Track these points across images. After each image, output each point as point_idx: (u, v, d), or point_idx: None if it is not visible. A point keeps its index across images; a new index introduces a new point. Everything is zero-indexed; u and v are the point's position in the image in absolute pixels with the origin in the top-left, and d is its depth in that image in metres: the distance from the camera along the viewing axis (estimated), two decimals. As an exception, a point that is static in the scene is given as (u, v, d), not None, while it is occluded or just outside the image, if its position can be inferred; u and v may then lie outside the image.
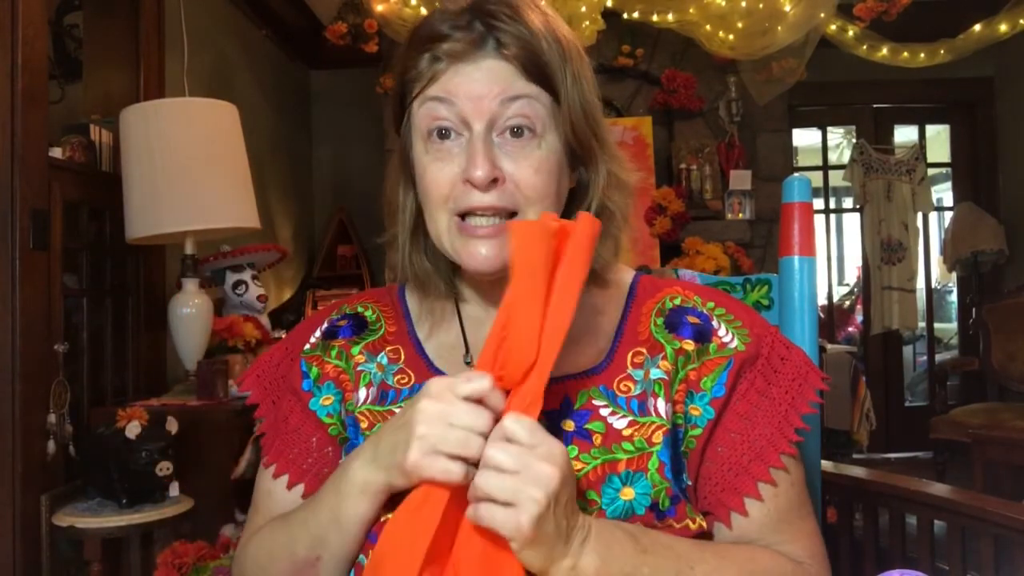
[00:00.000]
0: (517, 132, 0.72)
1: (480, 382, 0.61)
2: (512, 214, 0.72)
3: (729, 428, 0.74)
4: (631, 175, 0.81)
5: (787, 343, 0.79)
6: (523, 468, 0.58)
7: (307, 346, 0.85)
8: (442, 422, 0.61)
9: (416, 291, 0.84)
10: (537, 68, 0.72)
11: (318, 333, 0.85)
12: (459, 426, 0.60)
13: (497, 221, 0.72)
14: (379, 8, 3.34)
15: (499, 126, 0.72)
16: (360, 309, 0.86)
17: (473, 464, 0.60)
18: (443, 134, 0.73)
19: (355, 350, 0.82)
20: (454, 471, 0.60)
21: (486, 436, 0.61)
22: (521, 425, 0.59)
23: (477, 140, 0.71)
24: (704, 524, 0.72)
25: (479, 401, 0.61)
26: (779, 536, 0.74)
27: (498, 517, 0.58)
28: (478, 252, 0.72)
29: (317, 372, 0.82)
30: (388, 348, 0.82)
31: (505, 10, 0.72)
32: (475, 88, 0.71)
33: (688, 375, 0.75)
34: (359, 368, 0.80)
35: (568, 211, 0.78)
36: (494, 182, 0.71)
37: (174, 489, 1.89)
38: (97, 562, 1.81)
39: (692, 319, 0.78)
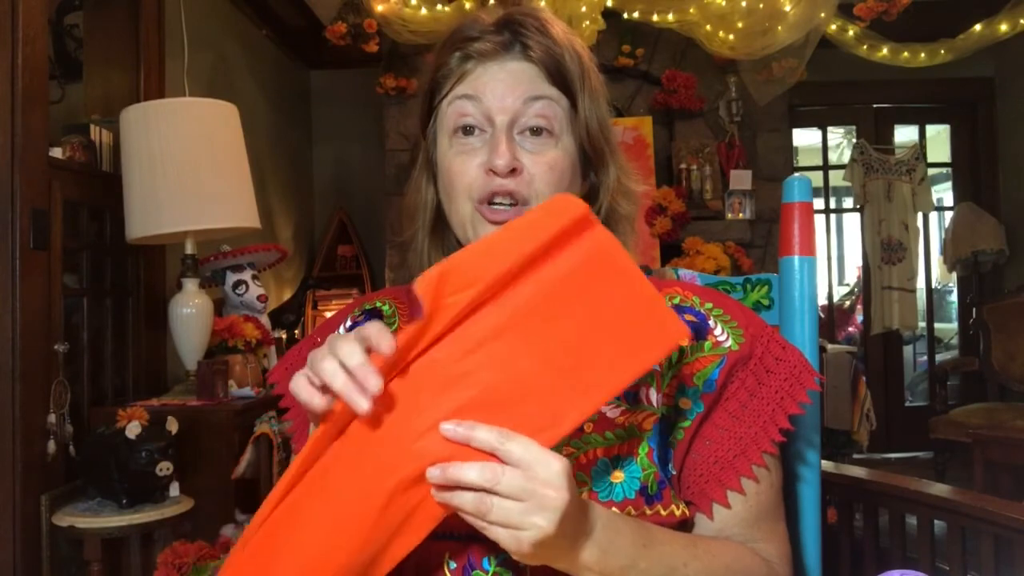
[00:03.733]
0: (536, 131, 0.77)
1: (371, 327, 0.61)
2: (525, 203, 0.77)
3: (717, 424, 0.76)
4: (638, 185, 0.86)
5: (783, 343, 0.80)
6: (527, 495, 0.57)
7: None
8: (325, 350, 0.62)
9: None
10: (559, 74, 0.78)
11: (342, 330, 0.88)
12: (331, 354, 0.60)
13: (513, 208, 0.77)
14: (379, 8, 3.34)
15: (520, 124, 0.77)
16: (379, 304, 0.90)
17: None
18: (468, 131, 0.78)
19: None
20: (302, 388, 0.60)
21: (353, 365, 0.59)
22: (517, 444, 0.58)
23: (500, 133, 0.76)
24: (687, 512, 0.75)
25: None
26: (756, 533, 0.77)
27: (502, 536, 0.59)
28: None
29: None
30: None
31: (533, 22, 0.79)
32: (500, 87, 0.77)
33: (681, 369, 0.76)
34: None
35: None
36: (513, 171, 0.76)
37: (174, 489, 1.89)
38: (97, 562, 1.81)
39: (689, 317, 0.79)
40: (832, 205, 5.21)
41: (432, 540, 0.70)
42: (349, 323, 0.89)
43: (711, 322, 0.79)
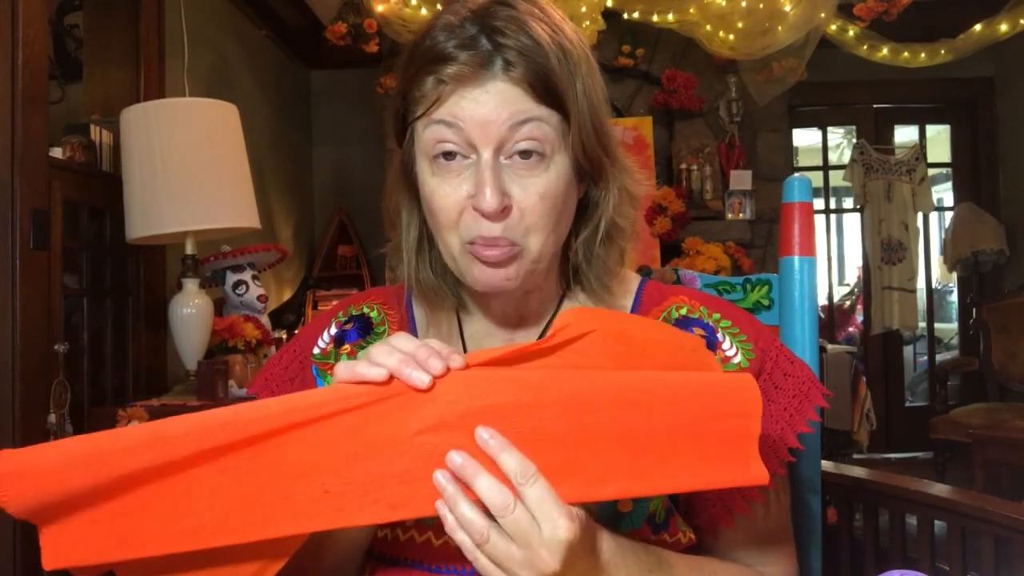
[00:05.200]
0: (526, 154, 0.69)
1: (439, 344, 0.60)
2: (516, 245, 0.70)
3: None
4: (640, 187, 0.79)
5: (791, 358, 0.78)
6: (523, 543, 0.56)
7: (317, 351, 0.83)
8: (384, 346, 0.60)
9: (422, 302, 0.83)
10: (546, 89, 0.68)
11: (327, 337, 0.84)
12: (388, 342, 0.60)
13: (504, 248, 0.70)
14: (379, 8, 3.34)
15: (507, 150, 0.69)
16: (366, 310, 0.85)
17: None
18: (449, 156, 0.70)
19: (361, 355, 0.81)
20: (360, 367, 0.59)
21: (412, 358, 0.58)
22: (537, 490, 0.56)
23: (485, 168, 0.68)
24: (693, 537, 0.73)
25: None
26: (763, 556, 0.76)
27: (486, 569, 0.58)
28: (484, 276, 0.71)
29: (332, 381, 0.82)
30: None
31: (511, 25, 0.68)
32: (482, 112, 0.67)
33: None
34: None
35: (575, 225, 0.77)
36: (503, 211, 0.68)
37: (174, 489, 1.88)
38: (97, 562, 1.80)
39: (697, 330, 0.77)
40: (832, 205, 5.21)
41: (430, 573, 0.70)
42: (334, 330, 0.84)
43: (720, 335, 0.77)
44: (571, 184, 0.73)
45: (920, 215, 4.63)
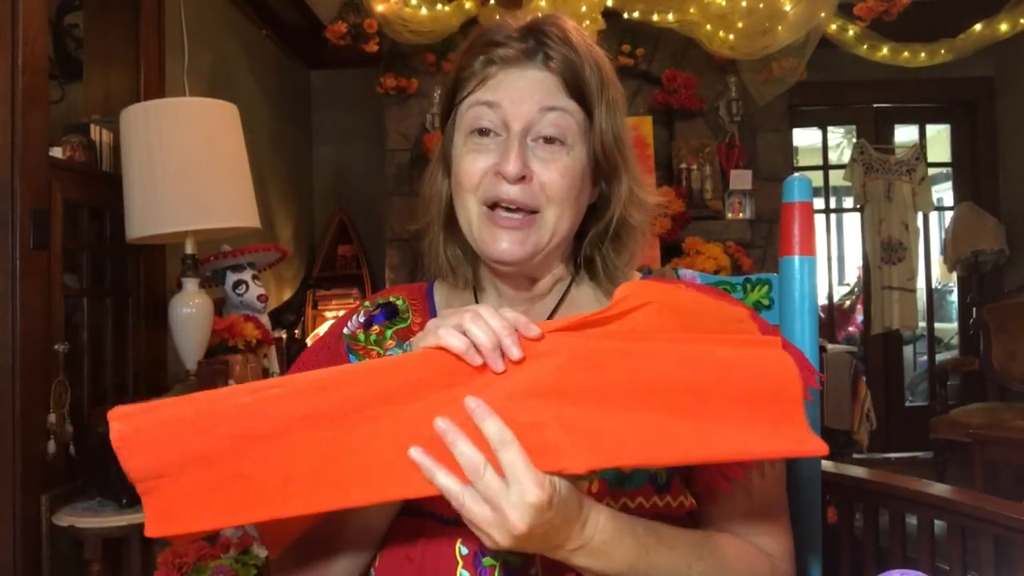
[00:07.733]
0: (549, 140, 0.79)
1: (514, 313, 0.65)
2: (534, 211, 0.79)
3: None
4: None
5: (784, 342, 0.80)
6: (494, 506, 0.60)
7: (346, 331, 0.90)
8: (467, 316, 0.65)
9: (443, 285, 0.92)
10: (577, 86, 0.80)
11: (355, 320, 0.90)
12: (475, 311, 0.64)
13: (521, 216, 0.79)
14: (379, 8, 3.34)
15: (534, 132, 0.79)
16: (392, 299, 0.92)
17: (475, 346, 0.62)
18: (483, 132, 0.80)
19: (387, 334, 0.88)
20: (444, 334, 0.63)
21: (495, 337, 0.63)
22: (509, 455, 0.59)
23: (513, 140, 0.78)
24: (694, 501, 0.77)
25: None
26: (758, 526, 0.79)
27: (470, 525, 0.62)
28: (500, 242, 0.79)
29: (363, 359, 0.87)
30: (414, 338, 0.85)
31: (557, 32, 0.80)
32: (518, 93, 0.79)
33: None
34: (389, 352, 0.86)
35: (587, 224, 0.86)
36: (522, 179, 0.78)
37: (174, 489, 1.88)
38: (97, 562, 1.81)
39: None
40: (832, 205, 5.20)
41: (444, 524, 0.74)
42: (363, 317, 0.90)
43: None
44: (587, 175, 0.82)
45: (920, 215, 4.62)
